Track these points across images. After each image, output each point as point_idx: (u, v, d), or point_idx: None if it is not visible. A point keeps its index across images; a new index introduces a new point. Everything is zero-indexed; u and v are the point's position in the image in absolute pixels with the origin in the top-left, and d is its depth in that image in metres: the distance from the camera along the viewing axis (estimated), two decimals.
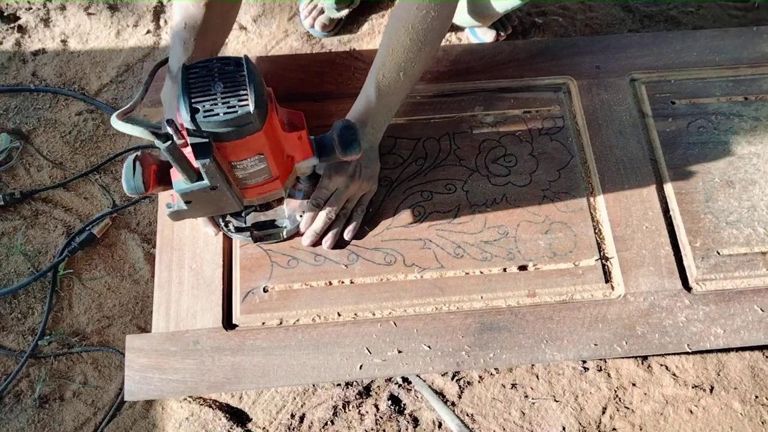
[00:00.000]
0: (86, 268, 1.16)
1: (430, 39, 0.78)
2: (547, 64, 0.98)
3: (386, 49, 0.78)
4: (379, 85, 0.78)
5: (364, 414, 1.04)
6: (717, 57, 0.99)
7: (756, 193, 0.90)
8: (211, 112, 0.57)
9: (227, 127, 0.58)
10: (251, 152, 0.63)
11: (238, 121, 0.57)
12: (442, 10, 0.77)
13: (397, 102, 0.82)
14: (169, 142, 0.56)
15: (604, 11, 1.47)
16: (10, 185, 1.23)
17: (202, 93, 0.57)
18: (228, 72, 0.58)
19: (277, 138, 0.65)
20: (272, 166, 0.66)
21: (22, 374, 1.08)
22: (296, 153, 0.71)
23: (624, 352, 0.80)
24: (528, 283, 0.83)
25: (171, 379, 0.78)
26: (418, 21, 0.76)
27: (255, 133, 0.60)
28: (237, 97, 0.57)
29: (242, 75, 0.58)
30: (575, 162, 0.91)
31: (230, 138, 0.59)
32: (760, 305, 0.82)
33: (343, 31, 1.43)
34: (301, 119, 0.70)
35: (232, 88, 0.58)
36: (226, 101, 0.57)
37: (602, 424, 1.04)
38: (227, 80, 0.58)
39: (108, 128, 1.29)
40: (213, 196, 0.65)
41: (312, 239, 0.83)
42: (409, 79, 0.80)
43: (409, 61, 0.78)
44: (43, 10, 1.42)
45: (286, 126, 0.68)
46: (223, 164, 0.62)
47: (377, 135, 0.82)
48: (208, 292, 0.82)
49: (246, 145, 0.61)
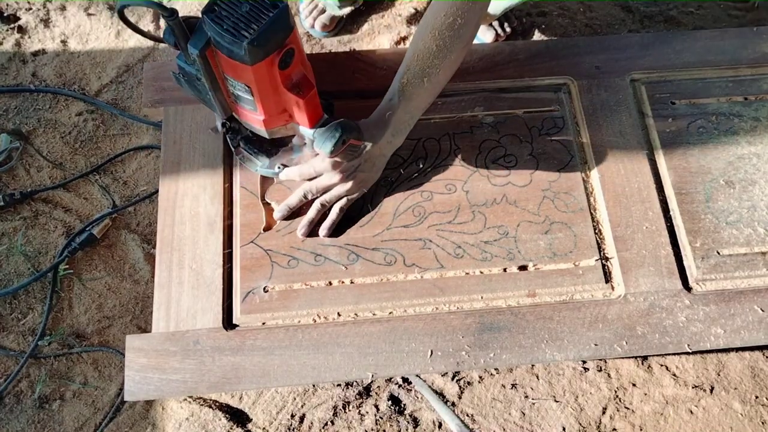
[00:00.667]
0: (86, 269, 1.16)
1: (456, 46, 0.78)
2: (547, 64, 0.98)
3: (412, 54, 0.78)
4: (403, 89, 0.78)
5: (364, 414, 1.04)
6: (717, 57, 0.99)
7: (756, 193, 0.90)
8: (220, 20, 0.61)
9: (222, 41, 0.62)
10: (238, 78, 0.66)
11: (231, 42, 0.61)
12: (469, 18, 0.77)
13: (419, 109, 0.82)
14: (173, 16, 0.61)
15: (604, 11, 1.47)
16: (10, 186, 1.23)
17: (229, 1, 0.61)
18: (261, 4, 0.62)
19: (272, 86, 0.68)
20: (258, 104, 0.70)
21: (22, 374, 1.08)
22: (294, 114, 0.73)
23: (624, 352, 0.80)
24: (528, 283, 0.83)
25: (171, 379, 0.78)
26: (445, 27, 0.76)
27: (243, 64, 0.63)
28: (246, 25, 0.61)
29: (268, 14, 0.61)
30: (575, 162, 0.91)
31: (223, 51, 0.63)
32: (760, 305, 0.82)
33: (343, 32, 1.43)
34: (309, 90, 0.71)
35: (250, 16, 0.61)
36: (236, 21, 0.61)
37: (602, 424, 1.04)
38: (254, 9, 0.61)
39: (108, 128, 1.29)
40: (200, 86, 0.69)
41: (283, 213, 0.84)
42: (433, 85, 0.80)
43: (434, 67, 0.78)
44: (43, 11, 1.42)
45: (291, 85, 0.69)
46: (216, 68, 0.67)
47: (396, 141, 0.82)
48: (208, 292, 0.82)
49: (234, 68, 0.65)
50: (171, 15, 0.61)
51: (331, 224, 0.84)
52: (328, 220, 0.84)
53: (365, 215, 0.87)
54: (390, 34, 1.41)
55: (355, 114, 0.90)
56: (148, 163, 1.26)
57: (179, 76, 0.72)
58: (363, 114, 0.87)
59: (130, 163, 1.26)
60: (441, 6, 0.76)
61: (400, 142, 0.83)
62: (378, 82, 0.95)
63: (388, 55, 0.98)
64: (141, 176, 1.25)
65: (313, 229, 0.85)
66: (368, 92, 0.95)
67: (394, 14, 1.44)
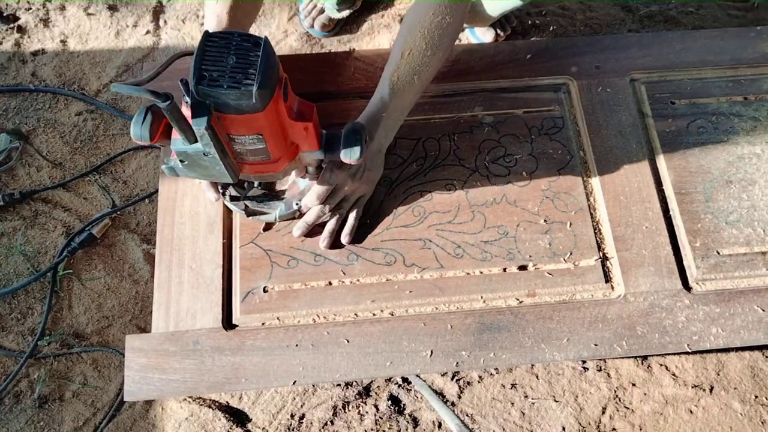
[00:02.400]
0: (86, 269, 1.16)
1: (444, 43, 0.79)
2: (547, 64, 0.98)
3: (400, 52, 0.78)
4: (394, 87, 0.79)
5: (364, 414, 1.04)
6: (717, 57, 0.99)
7: (756, 193, 0.90)
8: (216, 83, 0.58)
9: (228, 100, 0.59)
10: (250, 130, 0.64)
11: (240, 97, 0.59)
12: (456, 15, 0.78)
13: (408, 105, 0.83)
14: (168, 101, 0.58)
15: (604, 11, 1.47)
16: (10, 185, 1.23)
17: (213, 62, 0.59)
18: (244, 48, 0.60)
19: (280, 123, 0.66)
20: (271, 148, 0.68)
21: (21, 374, 1.08)
22: (301, 143, 0.72)
23: (624, 352, 0.80)
24: (528, 283, 0.83)
25: (171, 379, 0.78)
26: (434, 26, 0.77)
27: (255, 113, 0.61)
28: (245, 73, 0.59)
29: (256, 54, 0.59)
30: (575, 162, 0.91)
31: (230, 111, 0.61)
32: (760, 305, 0.82)
33: (343, 31, 1.43)
34: (312, 111, 0.70)
35: (242, 64, 0.59)
36: (233, 75, 0.59)
37: (602, 424, 1.04)
38: (241, 56, 0.59)
39: (108, 128, 1.29)
40: (207, 161, 0.66)
41: (303, 231, 0.84)
42: (421, 82, 0.81)
43: (424, 65, 0.79)
44: (43, 11, 1.41)
45: (294, 114, 0.68)
46: (221, 134, 0.64)
47: (388, 137, 0.83)
48: (208, 292, 0.82)
49: (245, 122, 0.62)
50: (166, 100, 0.57)
51: (352, 229, 0.84)
52: (348, 226, 0.84)
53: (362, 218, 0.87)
54: (390, 34, 1.41)
55: (355, 113, 0.90)
56: (148, 163, 1.26)
57: (175, 166, 0.69)
58: None
59: (130, 163, 1.26)
60: (428, 5, 0.77)
61: (392, 137, 0.84)
62: (377, 81, 0.95)
63: (388, 55, 0.98)
64: (141, 176, 1.25)
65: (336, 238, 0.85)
66: (368, 92, 0.95)
67: (394, 14, 1.44)
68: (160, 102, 0.57)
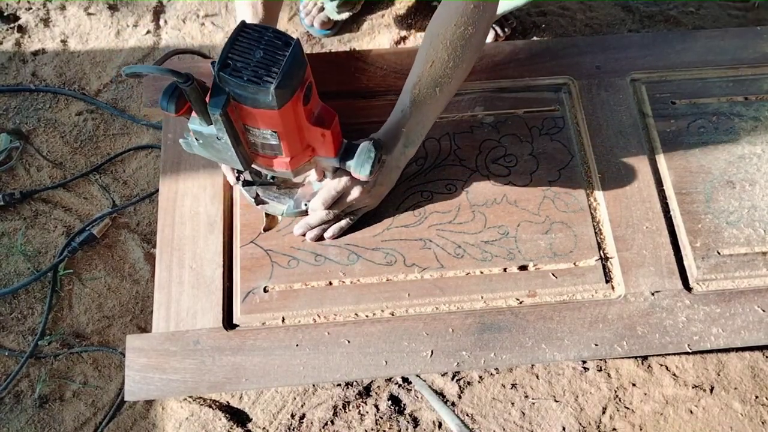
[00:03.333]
0: (86, 268, 1.16)
1: (467, 55, 0.77)
2: (547, 64, 0.98)
3: (423, 64, 0.77)
4: (415, 99, 0.77)
5: (364, 414, 1.04)
6: (717, 57, 0.99)
7: (756, 193, 0.90)
8: (238, 73, 0.59)
9: (245, 93, 0.60)
10: (265, 125, 0.64)
11: (257, 91, 0.59)
12: (479, 27, 0.76)
13: (431, 118, 0.81)
14: (189, 81, 0.58)
15: (604, 11, 1.47)
16: (10, 185, 1.23)
17: (241, 52, 0.60)
18: (274, 45, 0.60)
19: (297, 124, 0.66)
20: (285, 146, 0.68)
21: (22, 374, 1.08)
22: (317, 147, 0.72)
23: (624, 352, 0.79)
24: (528, 283, 0.83)
25: (171, 379, 0.78)
26: (456, 37, 0.75)
27: (271, 110, 0.62)
28: (267, 70, 0.59)
29: (284, 54, 0.60)
30: (575, 162, 0.91)
31: (246, 103, 0.61)
32: (760, 305, 0.82)
33: (343, 31, 1.43)
34: (332, 119, 0.70)
35: (267, 61, 0.59)
36: (256, 69, 0.59)
37: (602, 424, 1.04)
38: (268, 52, 0.60)
39: (108, 128, 1.29)
40: (219, 145, 0.67)
41: (303, 231, 0.84)
42: (444, 95, 0.79)
43: (446, 77, 0.77)
44: (43, 10, 1.42)
45: (314, 119, 0.69)
46: (236, 122, 0.64)
47: (407, 153, 0.81)
48: (208, 292, 0.82)
49: (261, 116, 0.63)
50: (187, 81, 0.58)
51: (339, 230, 0.84)
52: (337, 227, 0.84)
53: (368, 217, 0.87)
54: (390, 34, 1.41)
55: (356, 113, 0.90)
56: (148, 163, 1.26)
57: (192, 142, 0.70)
58: (363, 113, 0.87)
59: (130, 162, 1.26)
60: (451, 15, 0.76)
61: (413, 153, 0.83)
62: (378, 81, 0.95)
63: (388, 55, 0.98)
64: (141, 176, 1.25)
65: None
66: (368, 92, 0.95)
67: (394, 14, 1.44)
68: (180, 82, 0.58)
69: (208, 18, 1.43)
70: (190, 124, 0.67)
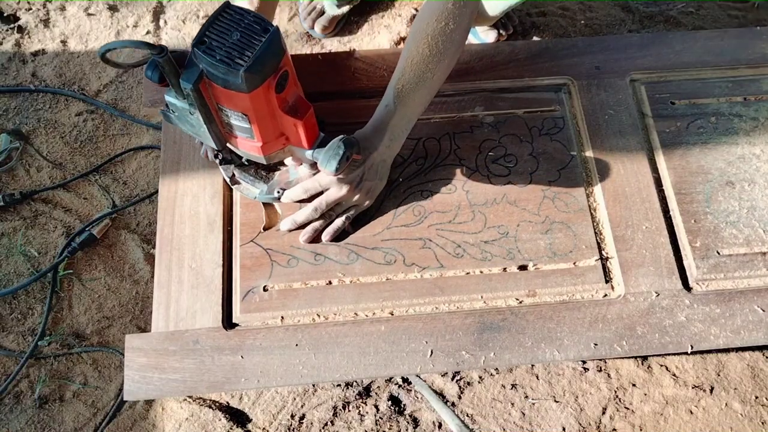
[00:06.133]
0: (86, 269, 1.16)
1: (449, 50, 0.79)
2: (547, 64, 0.98)
3: (406, 60, 0.78)
4: (399, 94, 0.79)
5: (364, 414, 1.04)
6: (717, 57, 0.99)
7: (756, 193, 0.90)
8: (212, 51, 0.60)
9: (216, 72, 0.61)
10: (235, 107, 0.65)
11: (226, 72, 0.60)
12: (461, 22, 0.78)
13: (416, 113, 0.83)
14: (163, 53, 0.59)
15: (604, 11, 1.47)
16: (10, 186, 1.23)
17: (219, 32, 0.60)
18: (251, 30, 0.61)
19: (269, 111, 0.67)
20: (256, 131, 0.69)
21: (22, 375, 1.08)
22: (291, 136, 0.73)
23: (624, 352, 0.79)
24: (528, 283, 0.83)
25: (171, 378, 0.78)
26: (437, 32, 0.77)
27: (240, 93, 0.62)
28: (240, 53, 0.60)
29: (260, 39, 0.60)
30: (575, 162, 0.91)
31: (218, 83, 0.62)
32: (760, 305, 0.82)
33: (343, 31, 1.43)
34: (306, 110, 0.70)
35: (242, 44, 0.60)
36: (229, 50, 0.60)
37: (602, 424, 1.04)
38: (245, 35, 0.60)
39: (108, 128, 1.29)
40: (193, 120, 0.68)
41: (289, 227, 0.84)
42: (428, 90, 0.81)
43: (429, 72, 0.79)
44: (43, 11, 1.42)
45: (287, 108, 0.69)
46: (209, 100, 0.65)
47: (393, 147, 0.82)
48: (207, 292, 0.82)
49: (230, 98, 0.64)
50: (161, 52, 0.59)
51: (335, 231, 0.84)
52: (333, 227, 0.84)
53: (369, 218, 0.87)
54: (390, 34, 1.41)
55: (356, 113, 0.90)
56: (148, 163, 1.26)
57: (169, 113, 0.71)
58: (363, 113, 0.87)
59: (130, 163, 1.26)
60: (432, 11, 0.77)
61: (399, 147, 0.84)
62: (378, 82, 0.95)
63: (388, 55, 0.98)
64: (141, 176, 1.25)
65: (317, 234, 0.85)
66: (368, 92, 0.95)
67: (394, 14, 1.44)
68: (155, 53, 0.59)
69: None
70: (166, 95, 0.68)
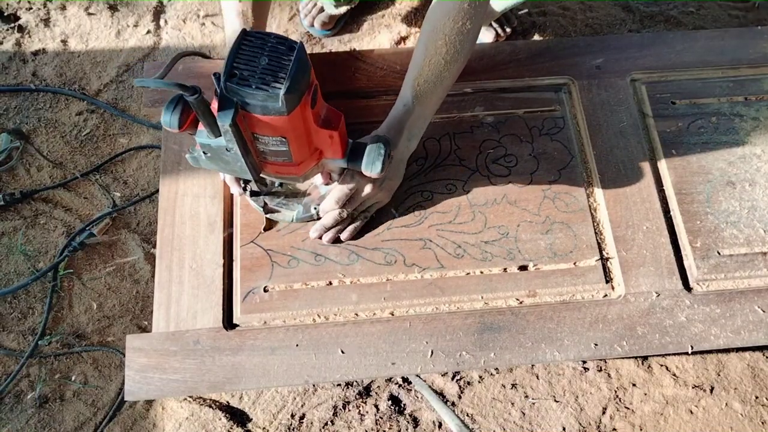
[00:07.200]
0: (86, 268, 1.16)
1: (465, 48, 0.80)
2: (547, 64, 0.98)
3: (423, 58, 0.78)
4: (417, 93, 0.79)
5: (364, 414, 1.04)
6: (717, 57, 0.99)
7: (756, 193, 0.90)
8: (246, 81, 0.59)
9: (254, 101, 0.60)
10: (274, 132, 0.64)
11: (266, 98, 0.59)
12: (475, 20, 0.78)
13: (431, 111, 0.83)
14: (197, 95, 0.58)
15: (604, 11, 1.47)
16: (10, 185, 1.23)
17: (246, 60, 0.59)
18: (278, 51, 0.60)
19: (305, 128, 0.66)
20: (294, 151, 0.68)
21: (22, 374, 1.08)
22: (325, 149, 0.72)
23: (624, 352, 0.79)
24: (528, 283, 0.83)
25: (171, 378, 0.78)
26: (455, 31, 0.77)
27: (280, 116, 0.61)
28: (274, 76, 0.59)
29: (289, 58, 0.59)
30: (575, 162, 0.91)
31: (256, 111, 0.61)
32: (760, 305, 0.82)
33: (344, 31, 1.43)
34: (339, 120, 0.70)
35: (273, 67, 0.59)
36: (263, 76, 0.59)
37: (602, 424, 1.04)
38: (273, 58, 0.59)
39: (108, 128, 1.29)
40: (229, 156, 0.67)
41: (319, 233, 0.84)
42: (443, 89, 0.82)
43: (446, 71, 0.79)
44: (43, 10, 1.42)
45: (321, 121, 0.69)
46: (245, 132, 0.64)
47: (410, 146, 0.83)
48: (208, 292, 0.82)
49: (270, 123, 0.62)
50: (194, 93, 0.57)
51: (355, 229, 0.85)
52: (353, 227, 0.84)
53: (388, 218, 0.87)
54: (390, 34, 1.41)
55: (356, 113, 0.90)
56: (148, 163, 1.26)
57: (198, 156, 0.70)
58: (363, 113, 0.87)
59: (130, 162, 1.26)
60: (448, 11, 0.77)
61: (416, 146, 0.84)
62: (378, 81, 0.95)
63: (388, 55, 0.98)
64: (141, 176, 1.25)
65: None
66: (368, 92, 0.95)
67: (394, 14, 1.44)
68: (188, 95, 0.58)
69: (208, 18, 1.43)
70: (197, 137, 0.66)
